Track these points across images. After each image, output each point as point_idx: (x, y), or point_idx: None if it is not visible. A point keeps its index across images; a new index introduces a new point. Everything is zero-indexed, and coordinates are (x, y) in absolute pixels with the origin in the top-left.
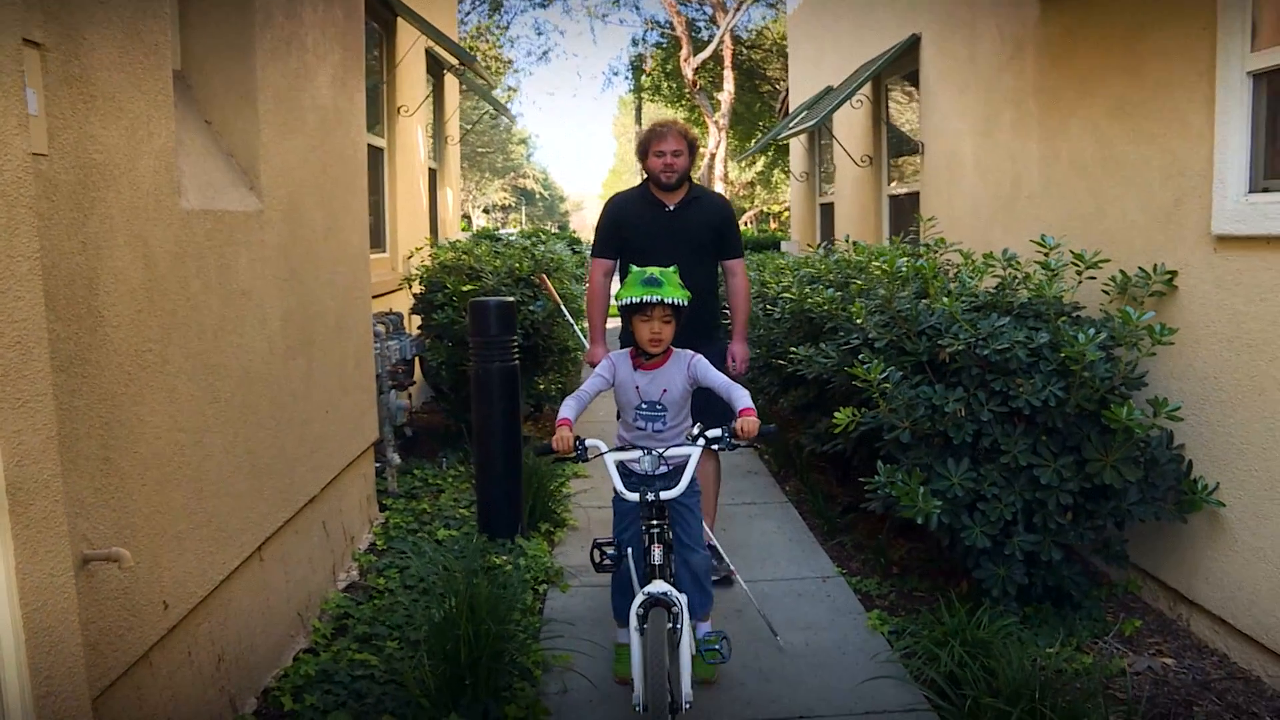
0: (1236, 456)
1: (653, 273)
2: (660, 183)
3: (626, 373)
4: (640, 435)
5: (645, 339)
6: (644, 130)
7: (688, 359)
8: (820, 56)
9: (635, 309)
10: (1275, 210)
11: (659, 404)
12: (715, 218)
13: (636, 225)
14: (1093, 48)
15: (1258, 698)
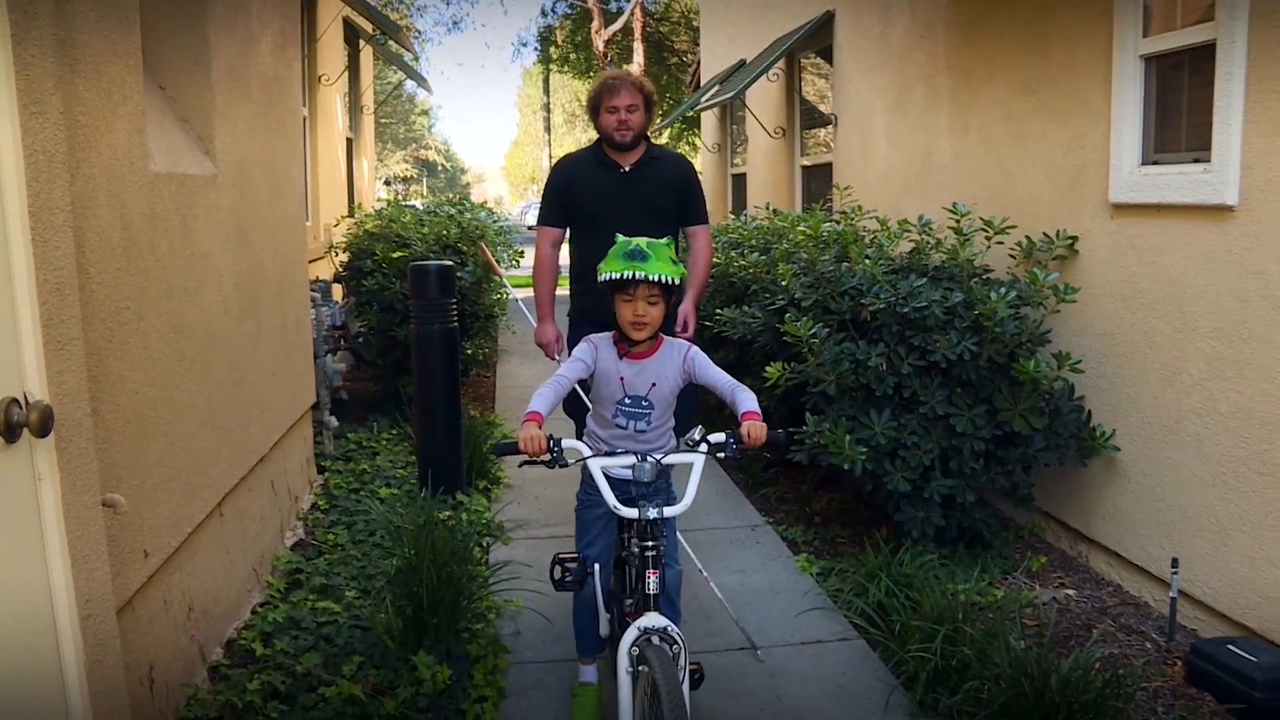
0: (1131, 405)
1: (638, 244)
2: (614, 142)
3: (610, 360)
4: (619, 435)
5: (628, 321)
6: (595, 84)
7: (682, 351)
8: (733, 30)
9: (616, 286)
10: (1165, 181)
11: (645, 400)
12: (676, 179)
13: (588, 189)
14: (1001, 28)
15: (1145, 619)
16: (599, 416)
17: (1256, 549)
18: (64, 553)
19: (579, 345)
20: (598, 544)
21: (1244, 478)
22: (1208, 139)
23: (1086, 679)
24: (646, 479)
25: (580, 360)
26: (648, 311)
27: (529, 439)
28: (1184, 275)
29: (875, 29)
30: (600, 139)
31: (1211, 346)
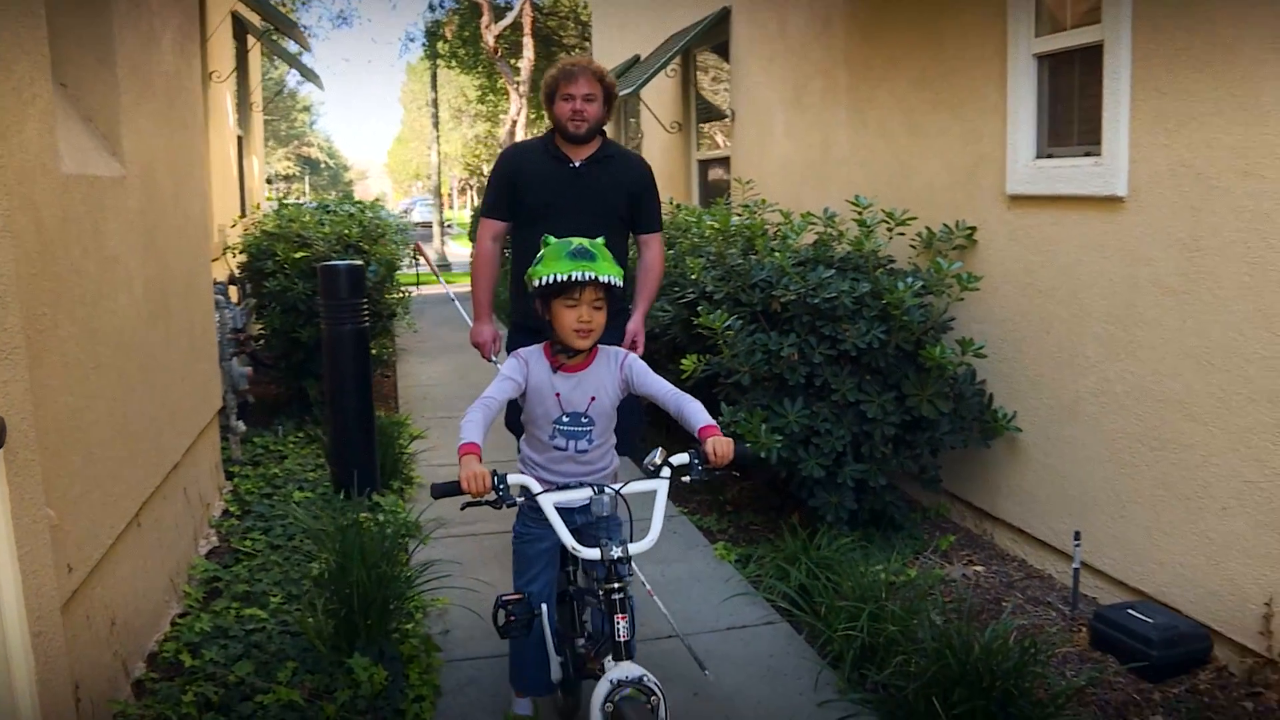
0: (1030, 387)
1: (580, 243)
2: (567, 133)
3: (542, 375)
4: (558, 457)
5: (569, 329)
6: (551, 70)
7: (618, 358)
8: (625, 26)
9: (558, 290)
10: (1059, 173)
11: (585, 416)
12: (631, 181)
13: (534, 182)
14: (899, 24)
15: (1050, 590)
16: (533, 439)
17: (1152, 520)
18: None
19: (507, 361)
20: (540, 579)
21: (1139, 453)
22: (1098, 134)
23: (1005, 648)
24: (605, 513)
25: (510, 379)
26: (593, 317)
27: (471, 477)
28: (1078, 263)
29: (772, 24)
30: (552, 130)
31: (1106, 330)
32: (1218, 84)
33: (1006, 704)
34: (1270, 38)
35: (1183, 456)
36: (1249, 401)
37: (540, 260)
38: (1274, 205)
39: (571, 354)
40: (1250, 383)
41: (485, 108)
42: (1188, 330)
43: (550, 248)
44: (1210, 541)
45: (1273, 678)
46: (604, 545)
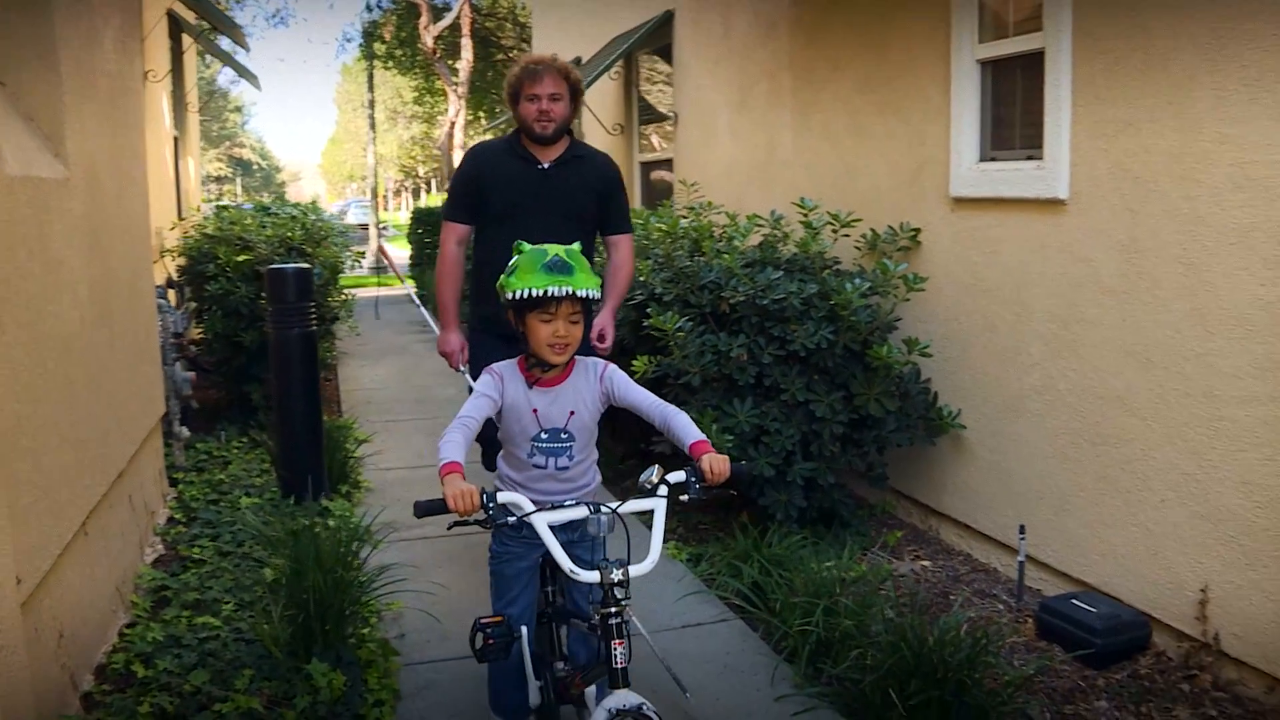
0: (974, 385)
1: (556, 253)
2: (534, 134)
3: (519, 391)
4: (538, 476)
5: (544, 344)
6: (515, 68)
7: (598, 369)
8: (566, 28)
9: (532, 304)
10: (1002, 176)
11: (564, 432)
12: (599, 181)
13: (501, 184)
14: (843, 29)
15: (995, 583)
16: (511, 457)
17: (1093, 513)
18: None
19: (480, 378)
20: (520, 602)
21: (1081, 448)
22: (1040, 138)
23: (958, 640)
24: (604, 534)
25: (486, 395)
26: (570, 332)
27: (458, 495)
28: (1021, 264)
29: (717, 28)
30: (518, 130)
31: (1048, 329)
32: (1154, 92)
33: (960, 693)
34: (1203, 50)
35: (1123, 451)
36: (1185, 397)
37: (514, 271)
38: (1208, 209)
39: (547, 368)
40: (1187, 379)
41: (422, 109)
42: (1127, 329)
43: (524, 258)
44: (1149, 533)
45: (1207, 660)
46: (603, 568)
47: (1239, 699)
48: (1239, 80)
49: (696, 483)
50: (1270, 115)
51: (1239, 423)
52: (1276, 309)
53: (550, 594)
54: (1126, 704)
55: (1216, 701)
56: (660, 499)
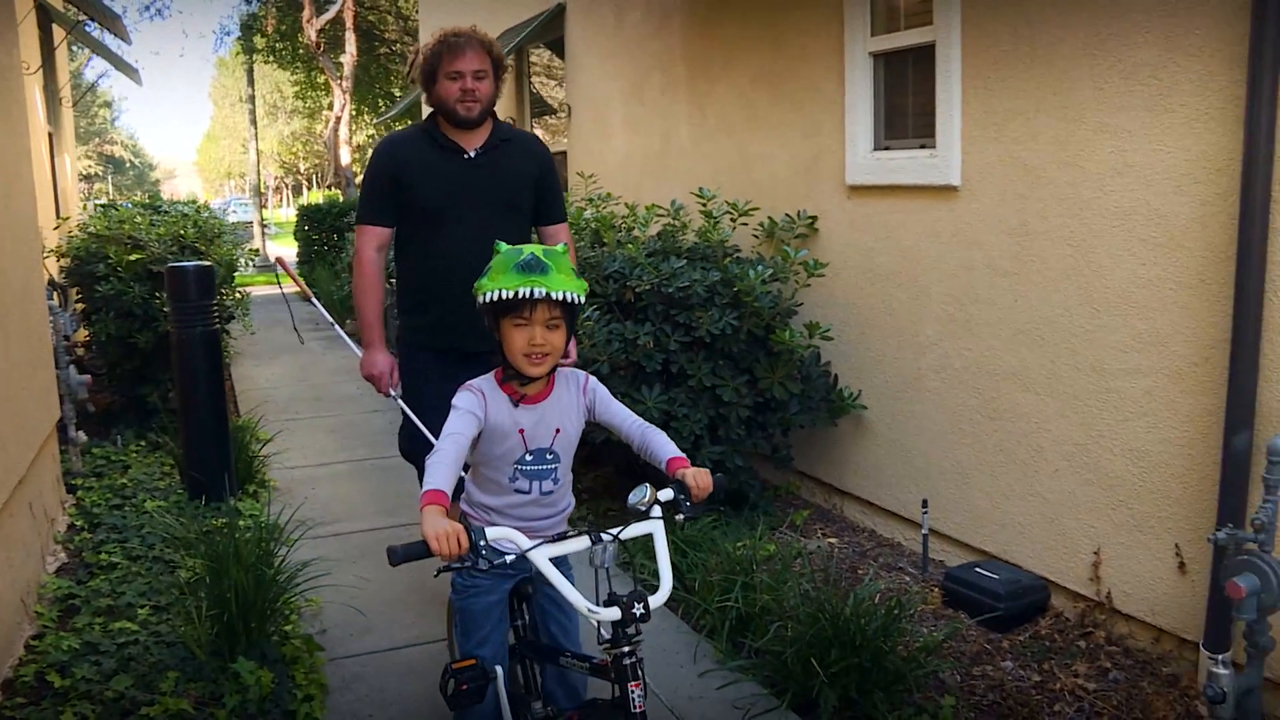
0: (873, 367)
1: (532, 252)
2: (457, 118)
3: (502, 410)
4: (521, 503)
5: (519, 353)
6: (430, 43)
7: (579, 381)
8: (454, 20)
9: (504, 308)
10: (895, 165)
11: (550, 452)
12: (532, 166)
13: (423, 179)
14: (738, 21)
15: (901, 557)
16: (488, 483)
17: (992, 485)
18: None
19: (459, 395)
20: (492, 640)
21: (978, 424)
22: (933, 128)
23: (872, 610)
24: (606, 564)
25: (470, 413)
26: (547, 339)
27: (442, 536)
28: (916, 248)
29: (609, 20)
30: (434, 114)
31: (943, 310)
32: (1040, 83)
33: (878, 660)
34: (1083, 44)
35: (1018, 425)
36: (1075, 371)
37: (487, 272)
38: (1092, 193)
39: (526, 382)
40: (1076, 355)
41: (304, 104)
42: (1019, 308)
43: (499, 257)
44: (1045, 501)
45: (1101, 618)
46: (625, 602)
47: (1129, 651)
48: (1117, 73)
49: (687, 501)
50: (1145, 106)
51: (1125, 394)
52: (1156, 286)
53: (521, 628)
54: (1030, 663)
55: (1110, 655)
56: (657, 521)
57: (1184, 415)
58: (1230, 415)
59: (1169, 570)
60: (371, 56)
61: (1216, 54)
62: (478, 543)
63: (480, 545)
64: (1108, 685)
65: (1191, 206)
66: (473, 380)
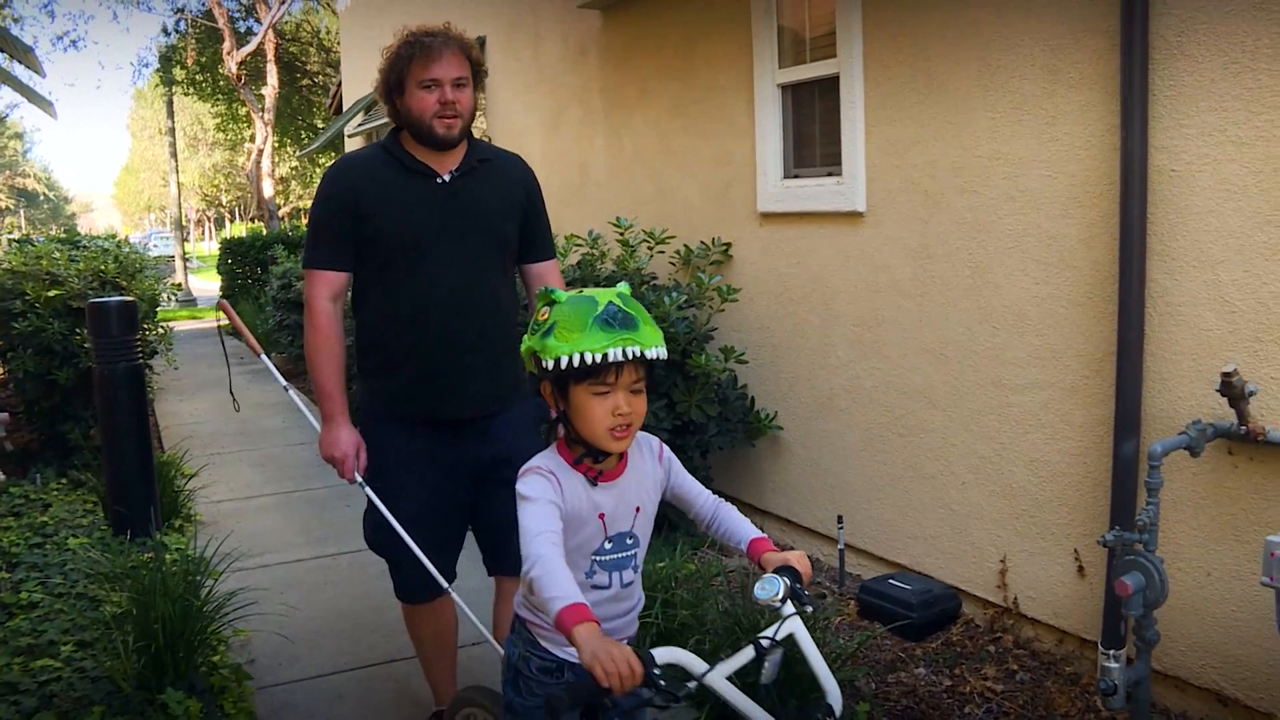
0: (788, 388)
1: (612, 300)
2: (433, 137)
3: (579, 493)
4: (600, 601)
5: (602, 427)
6: (395, 46)
7: (654, 447)
8: (377, 53)
9: (585, 372)
10: (805, 192)
11: (630, 536)
12: (518, 192)
13: (390, 209)
14: (652, 54)
15: (818, 572)
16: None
17: (903, 499)
18: None
19: (528, 481)
20: None
21: (888, 440)
22: (839, 156)
23: None
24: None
25: (551, 503)
26: (634, 407)
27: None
28: (826, 272)
29: (527, 53)
30: (395, 132)
31: (853, 332)
32: (937, 113)
33: (792, 669)
34: (976, 76)
35: (926, 440)
36: (978, 388)
37: (552, 328)
38: (988, 217)
39: (602, 457)
40: (978, 371)
41: (225, 136)
42: (924, 329)
43: (565, 310)
44: (954, 513)
45: (1009, 623)
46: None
47: (1035, 653)
48: (1008, 104)
49: (800, 586)
50: (1034, 135)
51: (1024, 408)
52: (1048, 304)
53: None
54: (942, 668)
55: (1017, 657)
56: (796, 617)
57: (1078, 426)
58: (1119, 424)
59: (1069, 574)
60: (294, 88)
61: (1095, 86)
62: (651, 669)
63: (656, 674)
64: (1014, 686)
65: (1078, 228)
66: (535, 461)
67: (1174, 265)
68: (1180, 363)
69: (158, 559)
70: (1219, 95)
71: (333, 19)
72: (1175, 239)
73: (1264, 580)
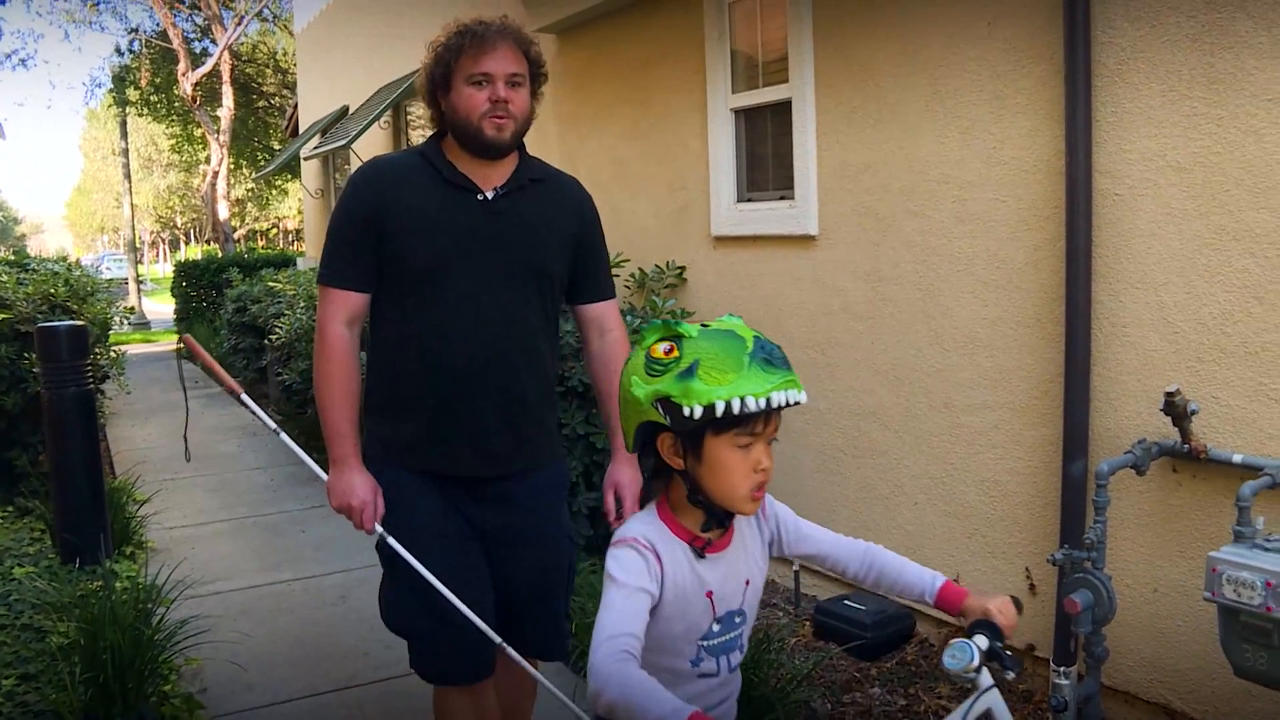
0: None
1: (759, 336)
2: (481, 140)
3: (683, 569)
4: (707, 690)
5: (742, 487)
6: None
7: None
8: (334, 76)
9: (729, 421)
10: (757, 216)
11: (739, 613)
12: (571, 221)
13: (419, 224)
14: (607, 80)
15: (775, 594)
16: (658, 669)
17: (857, 520)
18: None
19: (620, 556)
20: None
21: (842, 462)
22: (791, 180)
23: None
24: None
25: (641, 590)
26: (771, 461)
27: None
28: (779, 295)
29: None
30: (437, 137)
31: (807, 355)
32: (888, 138)
33: (749, 691)
34: (925, 101)
35: (879, 461)
36: (929, 409)
37: (694, 368)
38: (938, 240)
39: (713, 525)
40: (929, 393)
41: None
42: (876, 350)
43: (707, 344)
44: (907, 533)
45: None
46: None
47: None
48: (956, 129)
49: (1003, 646)
50: (982, 159)
51: (974, 428)
52: (997, 326)
53: None
54: (897, 688)
55: None
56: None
57: (1027, 446)
58: (1067, 444)
59: (1021, 592)
60: (249, 110)
61: (1041, 112)
62: None
63: None
64: None
65: (1026, 251)
66: (630, 528)
67: (1119, 287)
68: (1126, 382)
69: (107, 587)
70: (1159, 122)
71: (289, 40)
72: (1119, 261)
73: (1206, 595)
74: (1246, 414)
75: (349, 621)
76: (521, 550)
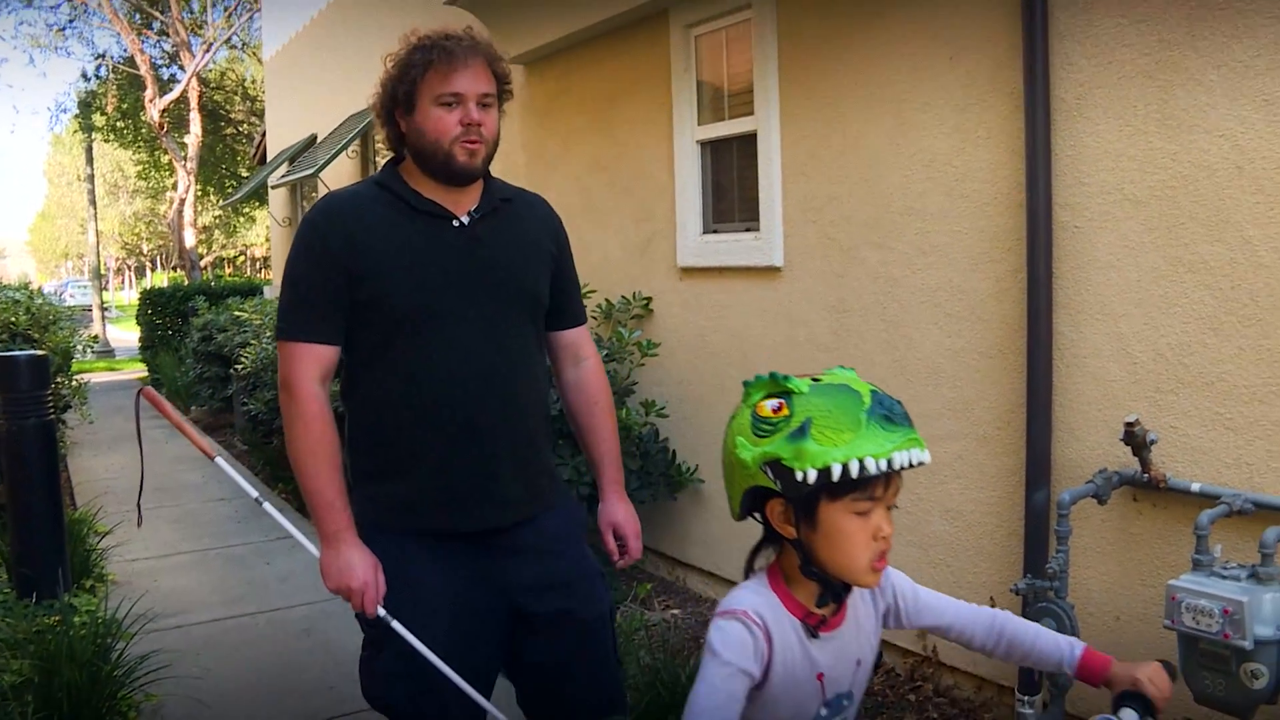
0: (710, 441)
1: (875, 390)
2: (450, 166)
3: (794, 650)
4: None
5: (863, 558)
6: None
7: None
8: (302, 104)
9: (847, 485)
10: (723, 248)
11: (847, 696)
12: (547, 240)
13: (395, 262)
14: (573, 111)
15: None
16: None
17: None
18: None
19: (725, 634)
20: None
21: None
22: (757, 212)
23: None
24: None
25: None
26: (891, 527)
27: None
28: (745, 327)
29: None
30: (392, 164)
31: None
32: (852, 170)
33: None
34: (889, 135)
35: None
36: None
37: (806, 427)
38: (901, 272)
39: (828, 600)
40: None
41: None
42: None
43: (819, 400)
44: None
45: (929, 671)
46: None
47: (955, 700)
48: (919, 161)
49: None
50: (944, 191)
51: (939, 459)
52: (961, 357)
53: None
54: (864, 719)
55: (937, 705)
56: None
57: (991, 476)
58: (1030, 474)
59: None
60: (217, 137)
61: (1002, 146)
62: None
63: None
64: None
65: (988, 282)
66: (740, 598)
67: (1079, 318)
68: (1087, 412)
69: (65, 622)
70: (1116, 155)
71: (258, 68)
72: (1079, 293)
73: (1166, 623)
74: (1204, 443)
75: (314, 655)
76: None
